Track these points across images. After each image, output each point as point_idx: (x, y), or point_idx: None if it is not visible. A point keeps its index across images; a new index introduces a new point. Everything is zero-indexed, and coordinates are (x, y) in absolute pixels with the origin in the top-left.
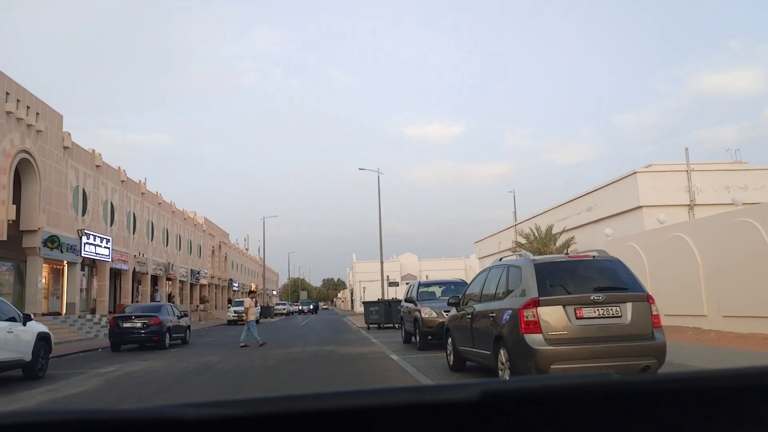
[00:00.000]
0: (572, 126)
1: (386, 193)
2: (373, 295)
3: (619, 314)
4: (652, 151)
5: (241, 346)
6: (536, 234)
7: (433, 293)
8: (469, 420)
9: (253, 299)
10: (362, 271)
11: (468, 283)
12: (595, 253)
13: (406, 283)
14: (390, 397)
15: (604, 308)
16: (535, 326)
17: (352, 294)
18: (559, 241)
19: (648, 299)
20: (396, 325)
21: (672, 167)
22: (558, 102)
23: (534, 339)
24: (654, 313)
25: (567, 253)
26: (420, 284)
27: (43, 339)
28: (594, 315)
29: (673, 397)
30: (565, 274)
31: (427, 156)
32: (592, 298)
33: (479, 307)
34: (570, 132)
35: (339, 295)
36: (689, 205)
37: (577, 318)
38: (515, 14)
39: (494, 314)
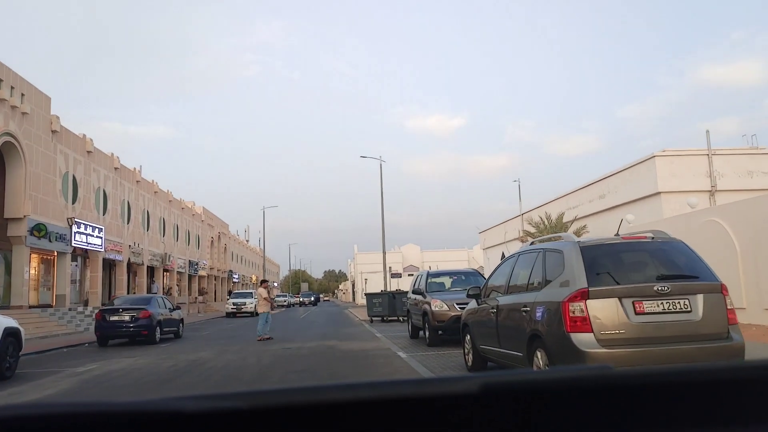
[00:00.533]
0: (574, 118)
1: (387, 185)
2: (375, 286)
3: (688, 308)
4: (654, 143)
5: (266, 339)
6: (546, 222)
7: (443, 284)
8: (470, 413)
9: (267, 288)
10: (364, 262)
11: (479, 272)
12: (652, 234)
13: (409, 275)
14: (390, 390)
15: (670, 301)
16: (584, 323)
17: (353, 286)
18: (571, 230)
19: (722, 290)
20: (401, 318)
21: (691, 151)
22: (560, 94)
23: (583, 339)
24: (729, 306)
25: (618, 234)
26: (429, 274)
27: (11, 335)
28: (657, 309)
29: (672, 390)
30: (619, 259)
31: (429, 148)
32: (655, 288)
33: (506, 299)
34: (572, 124)
35: (340, 286)
36: (710, 190)
37: (637, 313)
38: (517, 7)
39: (527, 308)
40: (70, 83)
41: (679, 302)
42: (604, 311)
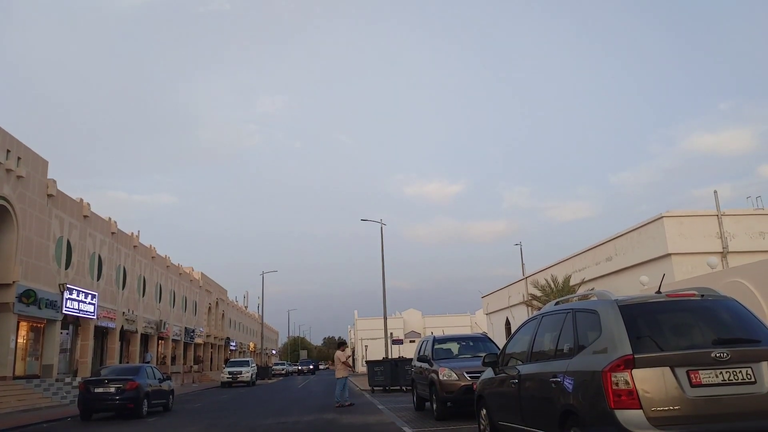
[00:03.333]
0: (569, 185)
1: (387, 251)
2: (376, 353)
3: (752, 378)
4: (650, 209)
5: (347, 405)
6: (552, 285)
7: (450, 350)
8: None
9: (344, 351)
10: (364, 328)
11: (488, 337)
12: (699, 291)
13: (411, 341)
14: None
15: (731, 370)
16: (631, 398)
17: (353, 353)
18: (578, 293)
19: None
20: (404, 388)
21: (700, 212)
22: (554, 161)
23: (630, 418)
24: None
25: (660, 291)
26: (435, 339)
27: None
28: (716, 380)
29: None
30: (665, 321)
31: (428, 214)
32: (713, 355)
33: (529, 368)
34: (568, 190)
35: None
36: (722, 252)
37: (693, 385)
38: (511, 80)
39: (557, 379)
40: (77, 152)
41: (740, 371)
42: (654, 383)
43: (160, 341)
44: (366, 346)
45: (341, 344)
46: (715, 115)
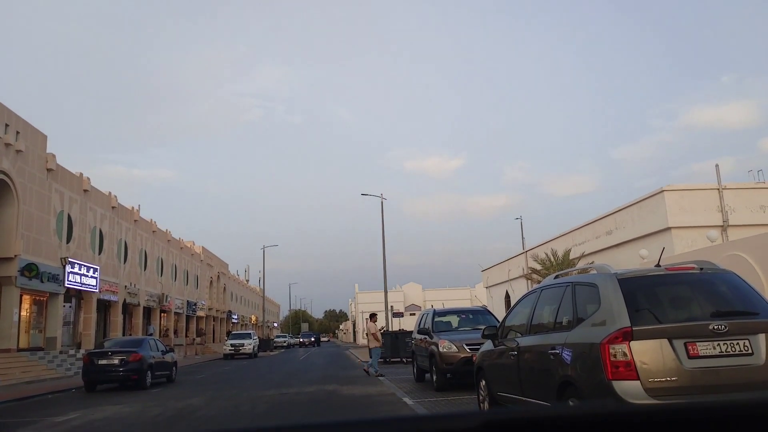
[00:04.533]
0: (570, 159)
1: (388, 226)
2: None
3: (749, 350)
4: (651, 184)
5: (376, 375)
6: (552, 259)
7: (450, 323)
8: None
9: (375, 322)
10: (365, 301)
11: (488, 310)
12: (698, 264)
13: (411, 314)
14: (388, 428)
15: (728, 342)
16: (628, 369)
17: (354, 325)
18: (578, 267)
19: None
20: (404, 360)
21: (701, 186)
22: (555, 135)
23: (627, 388)
24: None
25: (659, 264)
26: (435, 313)
27: None
28: (714, 352)
29: (681, 427)
30: (664, 294)
31: (428, 189)
32: (711, 327)
33: (528, 340)
34: (568, 165)
35: (341, 326)
36: (722, 225)
37: (690, 357)
38: (512, 53)
39: (556, 350)
40: (76, 127)
41: (738, 343)
42: (652, 354)
43: (162, 314)
44: (366, 319)
45: (372, 316)
46: (717, 89)
